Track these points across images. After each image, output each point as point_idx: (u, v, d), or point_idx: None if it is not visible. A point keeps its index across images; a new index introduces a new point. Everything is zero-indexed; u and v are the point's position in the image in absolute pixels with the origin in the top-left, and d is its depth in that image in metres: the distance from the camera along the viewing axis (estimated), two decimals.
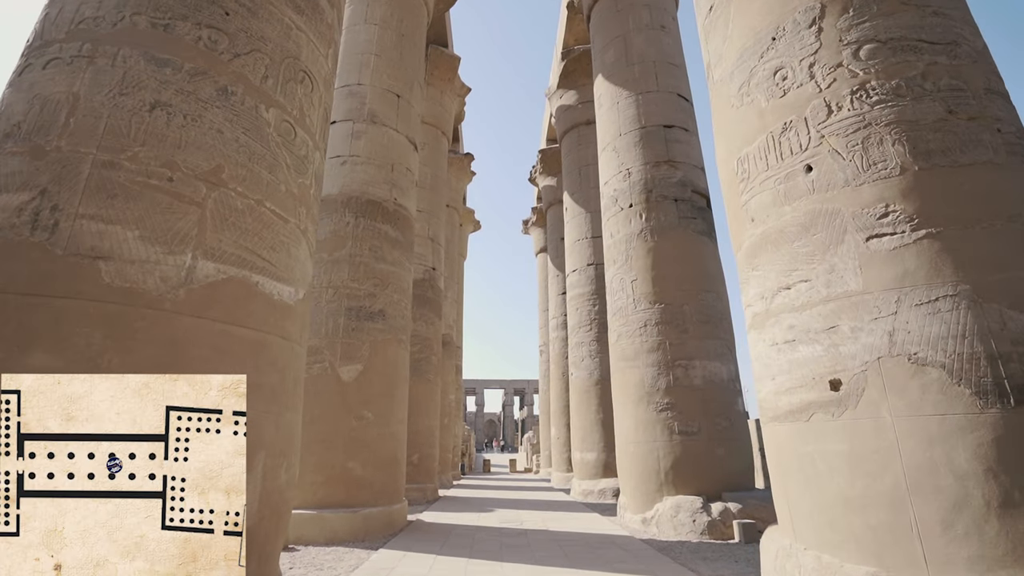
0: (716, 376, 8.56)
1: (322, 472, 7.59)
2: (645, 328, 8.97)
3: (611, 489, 12.85)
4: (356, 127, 9.82)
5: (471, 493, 15.77)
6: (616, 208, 10.16)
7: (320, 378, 8.11)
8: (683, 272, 9.14)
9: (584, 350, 14.52)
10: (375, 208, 9.37)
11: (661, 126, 10.30)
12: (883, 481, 3.16)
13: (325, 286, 8.66)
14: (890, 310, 3.34)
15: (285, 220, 3.96)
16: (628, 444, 8.81)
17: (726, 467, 8.10)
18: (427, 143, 16.41)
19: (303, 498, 7.44)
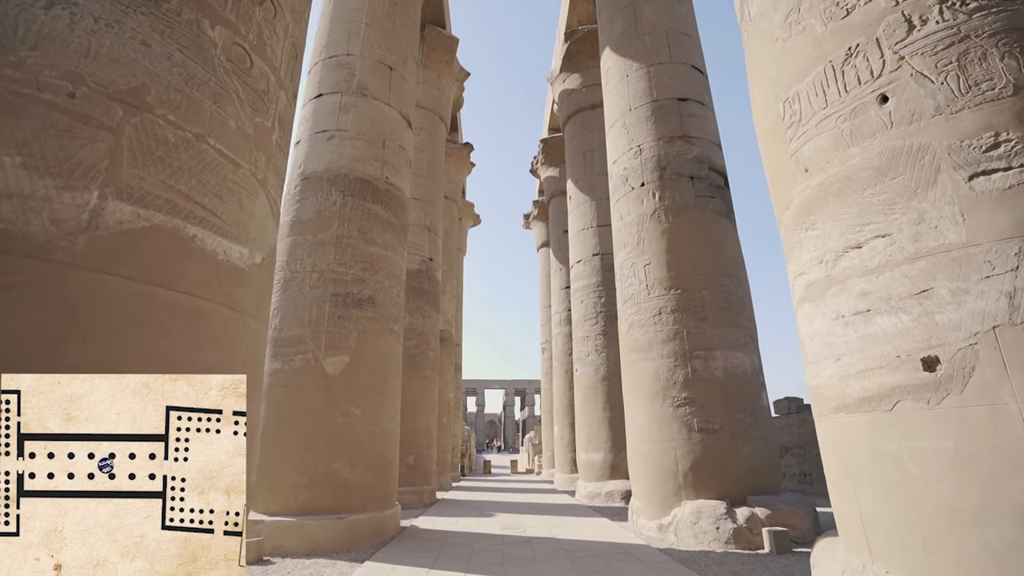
0: (738, 368, 7.79)
1: (304, 474, 6.83)
2: (660, 316, 8.20)
3: (619, 491, 12.09)
4: (344, 100, 9.07)
5: (471, 496, 15.00)
6: (626, 188, 9.39)
7: (302, 371, 7.34)
8: (701, 255, 8.37)
9: (590, 344, 13.75)
10: (365, 186, 8.61)
11: (675, 99, 9.53)
12: (1011, 488, 2.39)
13: (309, 270, 7.90)
14: (1008, 265, 2.57)
15: (236, 164, 3.20)
16: (642, 443, 8.04)
17: (751, 468, 7.33)
18: (424, 128, 15.66)
19: (282, 504, 6.68)
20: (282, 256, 8.17)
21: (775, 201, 4.28)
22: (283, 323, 7.67)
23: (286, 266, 8.03)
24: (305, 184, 8.52)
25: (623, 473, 12.45)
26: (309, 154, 8.75)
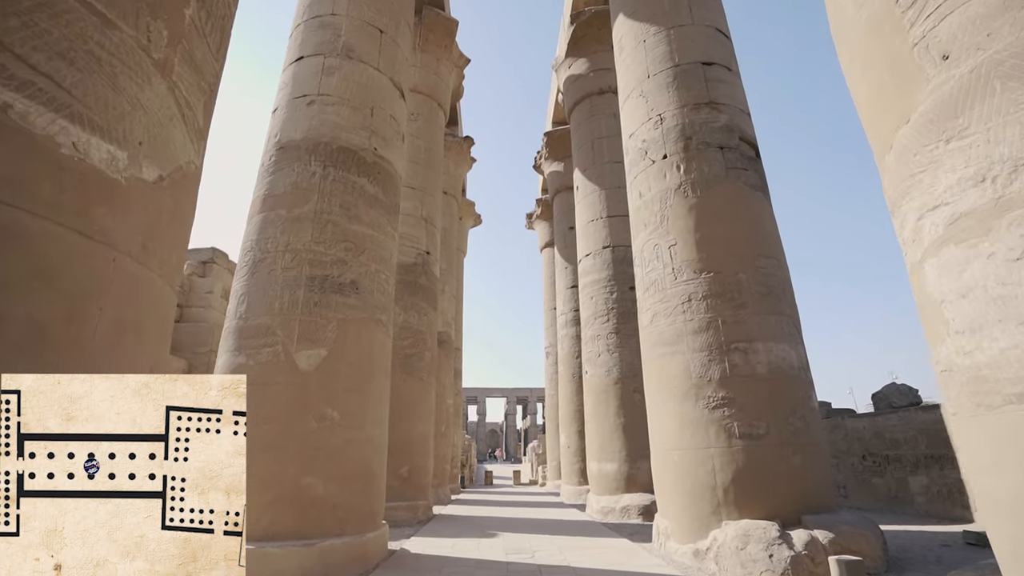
0: (784, 362, 6.64)
1: (267, 491, 5.65)
2: (689, 303, 7.06)
3: (636, 506, 10.86)
4: (328, 62, 8.03)
5: (471, 510, 13.74)
6: (646, 162, 8.31)
7: (270, 366, 6.21)
8: (735, 233, 7.26)
9: (600, 344, 12.59)
10: (349, 157, 7.53)
11: (699, 63, 8.49)
12: None
13: (282, 250, 6.79)
14: None
15: (108, 22, 2.10)
16: (670, 452, 6.86)
17: (803, 481, 6.15)
18: (421, 114, 14.67)
19: None
20: (251, 236, 7.07)
21: (877, 124, 3.17)
22: (249, 311, 6.55)
23: (255, 246, 6.93)
24: (281, 154, 7.46)
25: (640, 485, 11.24)
26: (286, 121, 7.70)
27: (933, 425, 9.55)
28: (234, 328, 6.59)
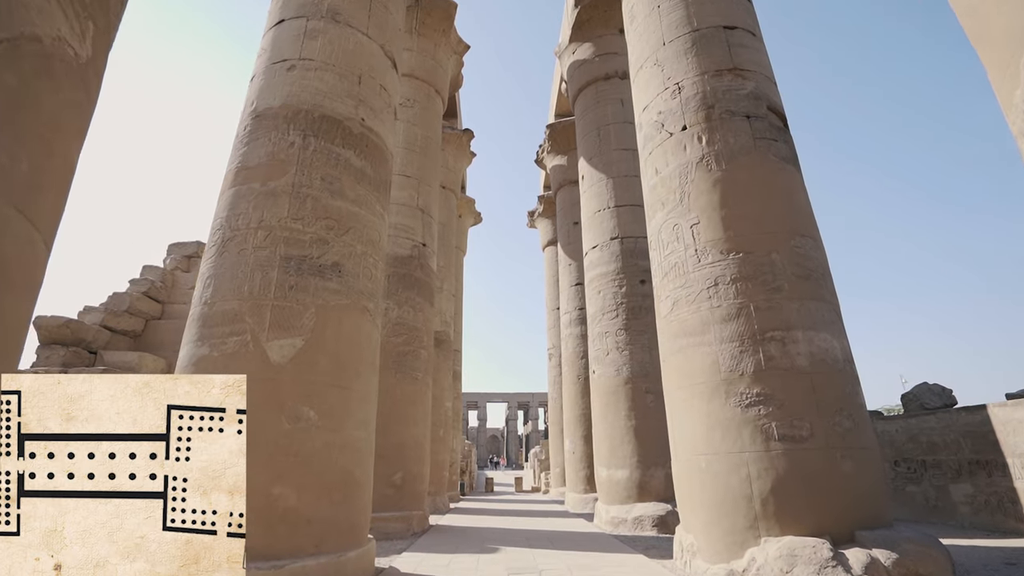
0: (827, 353, 5.80)
1: None
2: (716, 288, 6.24)
3: (650, 517, 9.98)
4: (311, 24, 7.27)
5: (470, 520, 12.85)
6: (663, 135, 7.51)
7: (236, 357, 5.39)
8: (766, 209, 6.45)
9: (609, 341, 11.75)
10: (333, 127, 6.75)
11: (720, 27, 7.71)
12: None
13: (254, 227, 5.99)
14: None
15: None
16: (696, 457, 6.00)
17: (856, 491, 5.29)
18: (417, 100, 13.93)
19: None
20: (221, 213, 6.28)
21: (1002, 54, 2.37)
22: (215, 295, 5.74)
23: (225, 223, 6.13)
24: (256, 123, 6.67)
25: (654, 494, 10.37)
26: (263, 88, 6.92)
27: (978, 428, 8.68)
28: (198, 315, 5.77)
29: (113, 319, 11.84)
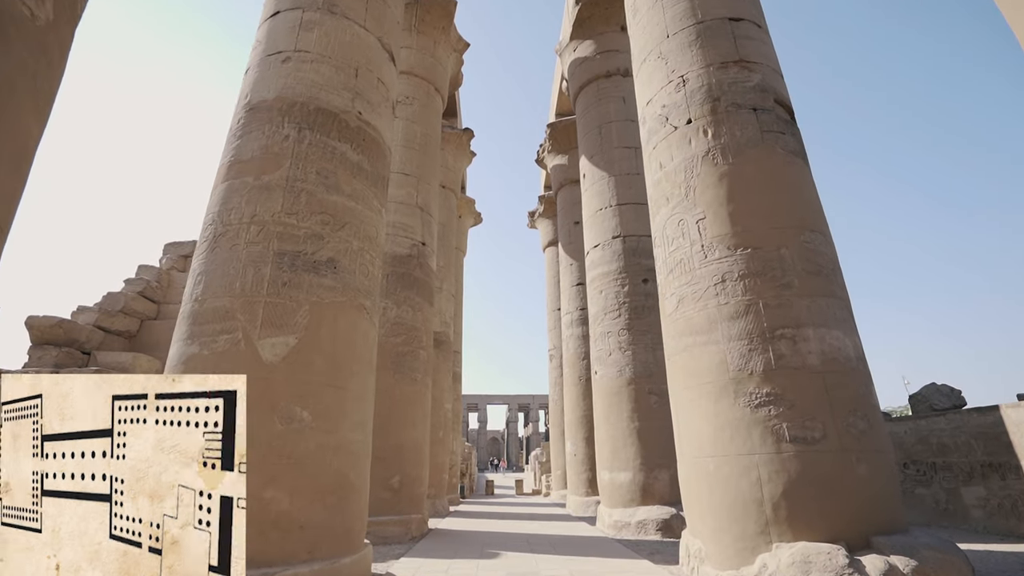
0: (840, 352, 5.60)
1: None
2: (723, 284, 6.05)
3: (653, 521, 9.76)
4: (307, 16, 7.10)
5: (470, 524, 12.63)
6: (667, 129, 7.33)
7: (227, 356, 5.19)
8: (775, 203, 6.26)
9: (611, 341, 11.55)
10: (329, 120, 6.57)
11: (726, 19, 7.54)
12: None
13: (247, 222, 5.80)
14: None
15: None
16: (704, 459, 5.80)
17: (871, 494, 5.09)
18: (417, 98, 13.76)
19: None
20: (213, 208, 6.10)
21: None
22: (206, 291, 5.55)
23: (217, 218, 5.95)
24: (250, 116, 6.49)
25: (657, 497, 10.16)
26: (258, 80, 6.75)
27: (991, 429, 8.47)
28: (188, 312, 5.58)
29: (107, 319, 11.65)
